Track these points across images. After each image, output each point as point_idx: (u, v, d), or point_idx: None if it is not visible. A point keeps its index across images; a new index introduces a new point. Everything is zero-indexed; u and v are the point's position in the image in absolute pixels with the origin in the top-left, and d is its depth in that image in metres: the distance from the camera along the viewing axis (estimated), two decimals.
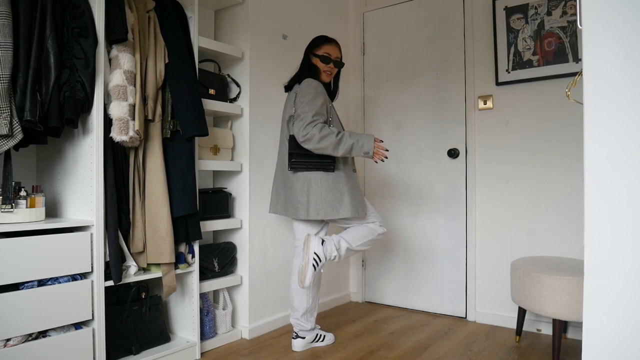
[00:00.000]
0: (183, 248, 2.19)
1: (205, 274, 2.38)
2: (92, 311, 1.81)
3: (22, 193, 1.72)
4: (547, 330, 2.59)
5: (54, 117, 1.68)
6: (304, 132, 2.04)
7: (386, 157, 2.13)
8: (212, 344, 2.36)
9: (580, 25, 0.92)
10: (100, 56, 1.83)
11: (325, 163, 2.14)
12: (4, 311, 1.56)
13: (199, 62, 2.36)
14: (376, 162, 2.39)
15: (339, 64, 2.30)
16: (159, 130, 2.05)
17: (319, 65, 2.26)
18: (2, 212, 1.66)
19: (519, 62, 2.69)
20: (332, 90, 2.40)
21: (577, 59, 2.50)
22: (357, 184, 2.27)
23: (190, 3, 2.26)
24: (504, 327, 2.72)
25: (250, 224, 2.55)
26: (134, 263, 1.98)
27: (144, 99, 1.98)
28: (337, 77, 2.39)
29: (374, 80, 3.29)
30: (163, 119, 2.08)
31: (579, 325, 2.46)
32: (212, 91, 2.44)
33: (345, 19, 3.37)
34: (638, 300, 0.84)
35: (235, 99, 2.58)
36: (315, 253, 2.13)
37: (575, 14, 2.53)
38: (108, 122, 1.86)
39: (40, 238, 1.67)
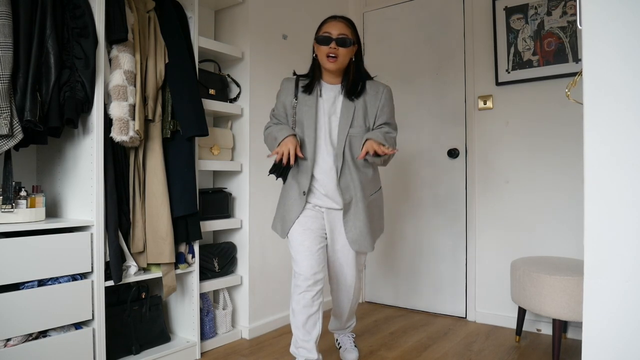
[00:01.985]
0: (183, 248, 2.19)
1: (205, 274, 2.38)
2: (92, 311, 1.81)
3: (23, 193, 1.73)
4: (547, 330, 2.59)
5: (54, 117, 1.68)
6: None
7: (283, 166, 1.74)
8: (212, 344, 2.36)
9: (580, 25, 0.92)
10: (101, 56, 1.83)
11: (276, 172, 1.89)
12: (4, 311, 1.56)
13: (199, 62, 2.36)
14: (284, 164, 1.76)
15: (345, 42, 1.77)
16: (159, 130, 2.05)
17: (319, 52, 1.81)
18: (2, 212, 1.66)
19: (519, 62, 2.69)
20: (350, 80, 1.85)
21: (577, 59, 2.50)
22: (293, 197, 1.88)
23: (190, 3, 2.26)
24: (504, 327, 2.72)
25: (250, 224, 2.55)
26: (134, 263, 1.98)
27: (144, 99, 1.98)
28: (357, 63, 1.87)
29: None
30: (163, 119, 2.08)
31: (579, 325, 2.46)
32: (212, 91, 2.44)
33: None
34: (638, 300, 0.84)
35: (235, 99, 2.58)
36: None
37: (575, 14, 2.53)
38: (108, 122, 1.87)
39: (40, 238, 1.67)
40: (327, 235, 1.93)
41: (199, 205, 2.27)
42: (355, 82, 1.85)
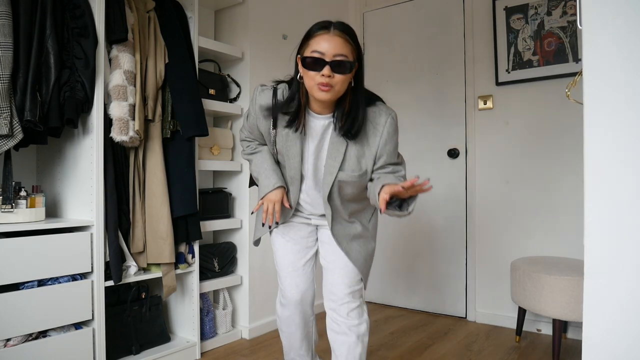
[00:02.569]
0: (183, 248, 2.19)
1: (205, 274, 2.38)
2: (92, 311, 1.81)
3: (22, 193, 1.73)
4: (547, 330, 2.59)
5: (54, 117, 1.68)
6: None
7: (269, 225, 1.52)
8: (212, 344, 2.36)
9: (580, 25, 0.91)
10: (100, 56, 1.83)
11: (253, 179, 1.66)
12: (4, 311, 1.56)
13: (199, 62, 2.36)
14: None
15: (344, 66, 1.29)
16: (159, 130, 2.05)
17: (307, 78, 1.33)
18: (2, 212, 1.66)
19: (519, 62, 2.69)
20: (345, 114, 1.38)
21: (577, 59, 2.50)
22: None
23: (190, 3, 2.26)
24: (504, 327, 2.72)
25: (250, 224, 2.54)
26: (134, 263, 1.98)
27: (144, 99, 1.98)
28: (355, 90, 1.39)
29: (374, 80, 3.29)
30: (163, 119, 2.08)
31: (579, 325, 2.46)
32: (212, 91, 2.44)
33: (346, 19, 3.36)
34: (638, 301, 0.84)
35: (235, 99, 2.58)
36: None
37: (575, 14, 2.53)
38: (108, 122, 1.87)
39: (40, 238, 1.67)
40: (316, 237, 1.63)
41: (199, 205, 2.27)
42: (349, 117, 1.38)
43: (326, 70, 1.28)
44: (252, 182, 1.71)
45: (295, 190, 1.51)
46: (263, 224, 1.52)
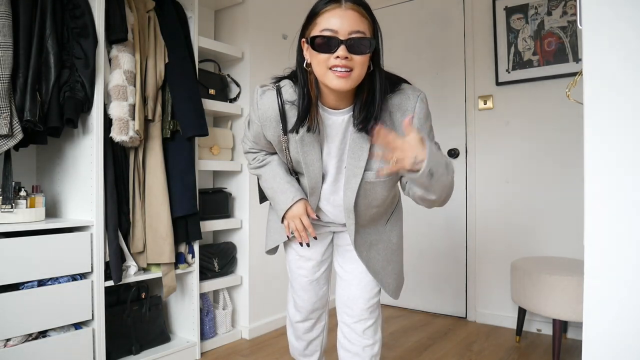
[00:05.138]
0: (183, 248, 2.19)
1: (205, 274, 2.38)
2: (92, 311, 1.81)
3: (22, 193, 1.73)
4: (547, 330, 2.59)
5: (54, 117, 1.68)
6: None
7: (307, 244, 1.39)
8: (212, 344, 2.36)
9: (580, 25, 0.91)
10: (100, 56, 1.83)
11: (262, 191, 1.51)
12: (4, 311, 1.56)
13: (199, 62, 2.36)
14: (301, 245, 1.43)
15: (362, 45, 1.09)
16: (159, 130, 2.05)
17: (316, 63, 1.13)
18: (2, 212, 1.66)
19: (519, 62, 2.68)
20: (363, 104, 1.18)
21: (577, 59, 2.50)
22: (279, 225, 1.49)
23: (190, 3, 2.26)
24: (504, 327, 2.71)
25: (250, 224, 2.54)
26: (134, 263, 1.98)
27: (144, 99, 1.98)
28: (373, 73, 1.17)
29: None
30: (163, 119, 2.08)
31: (579, 325, 2.46)
32: (212, 91, 2.44)
33: None
34: (638, 301, 0.84)
35: (235, 99, 2.58)
36: None
37: (575, 14, 2.53)
38: (108, 122, 1.87)
39: (40, 238, 1.67)
40: (332, 250, 1.54)
41: (199, 205, 2.27)
42: (370, 107, 1.18)
43: (341, 50, 1.07)
44: (263, 197, 1.54)
45: (316, 201, 1.36)
46: (301, 244, 1.38)
